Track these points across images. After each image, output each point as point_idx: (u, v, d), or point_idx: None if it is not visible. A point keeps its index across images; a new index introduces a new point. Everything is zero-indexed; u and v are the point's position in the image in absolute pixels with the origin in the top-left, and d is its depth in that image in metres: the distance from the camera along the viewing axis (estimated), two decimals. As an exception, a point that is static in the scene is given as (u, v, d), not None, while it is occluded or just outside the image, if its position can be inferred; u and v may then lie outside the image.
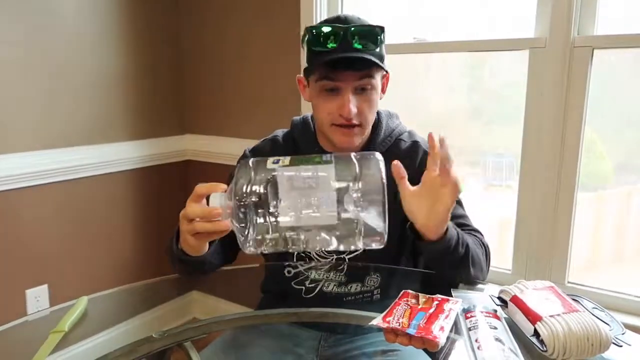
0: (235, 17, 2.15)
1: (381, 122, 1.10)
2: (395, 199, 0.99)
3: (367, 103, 1.00)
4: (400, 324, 0.73)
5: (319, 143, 1.10)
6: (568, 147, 1.50)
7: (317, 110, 1.04)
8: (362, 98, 0.99)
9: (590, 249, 1.67)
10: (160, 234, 2.31)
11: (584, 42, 1.44)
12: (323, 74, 0.98)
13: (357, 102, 0.98)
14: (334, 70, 0.97)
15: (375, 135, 1.08)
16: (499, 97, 1.79)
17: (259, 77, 2.13)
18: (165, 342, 0.87)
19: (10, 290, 1.84)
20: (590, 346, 0.68)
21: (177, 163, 2.34)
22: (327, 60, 0.95)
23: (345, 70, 0.96)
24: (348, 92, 0.97)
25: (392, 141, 1.09)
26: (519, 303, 0.77)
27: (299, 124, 1.14)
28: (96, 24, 2.00)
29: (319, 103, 1.02)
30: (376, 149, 1.06)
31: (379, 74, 1.01)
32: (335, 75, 0.97)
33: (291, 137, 1.14)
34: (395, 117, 1.16)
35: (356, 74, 0.97)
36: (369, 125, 1.04)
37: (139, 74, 2.17)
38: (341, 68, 0.96)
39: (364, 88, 0.99)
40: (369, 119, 1.02)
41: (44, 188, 1.88)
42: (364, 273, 1.06)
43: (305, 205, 0.70)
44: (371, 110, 1.02)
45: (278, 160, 0.74)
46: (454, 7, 1.75)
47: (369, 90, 0.99)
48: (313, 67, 0.99)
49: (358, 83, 0.98)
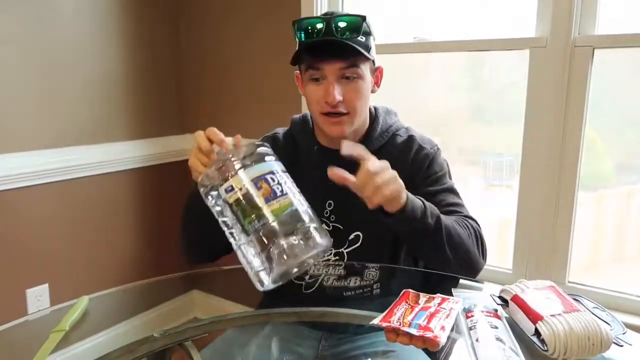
0: (235, 17, 2.15)
1: (378, 118, 1.12)
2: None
3: (353, 92, 1.01)
4: (401, 323, 0.73)
5: (317, 140, 1.11)
6: (568, 146, 1.50)
7: (308, 102, 1.06)
8: (348, 87, 1.00)
9: (591, 249, 1.67)
10: (161, 234, 2.31)
11: (584, 41, 1.44)
12: (308, 64, 1.01)
13: (342, 91, 1.00)
14: (317, 60, 0.99)
15: (372, 130, 1.10)
16: (499, 97, 1.79)
17: (259, 76, 2.13)
18: (165, 342, 0.87)
19: (11, 289, 1.84)
20: (591, 346, 0.68)
21: (177, 162, 2.34)
22: (309, 48, 0.99)
23: (328, 59, 0.98)
24: (332, 79, 0.99)
25: (388, 137, 1.10)
26: (520, 302, 0.77)
27: (299, 122, 1.16)
28: (96, 23, 2.00)
29: (308, 93, 1.04)
30: (372, 143, 1.08)
31: (366, 64, 1.02)
32: (319, 64, 0.99)
33: (290, 135, 1.16)
34: (394, 114, 1.16)
35: (339, 63, 0.99)
36: (359, 114, 1.04)
37: (139, 73, 2.17)
38: (324, 56, 0.99)
39: (348, 77, 1.00)
40: (357, 108, 1.03)
41: (45, 187, 1.88)
42: (363, 266, 1.07)
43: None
44: (359, 98, 1.02)
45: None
46: (455, 7, 1.75)
47: (354, 79, 1.01)
48: (300, 57, 1.03)
49: (342, 72, 0.99)
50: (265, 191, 0.72)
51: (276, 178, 0.74)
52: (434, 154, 1.09)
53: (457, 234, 0.96)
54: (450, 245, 0.94)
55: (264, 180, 0.73)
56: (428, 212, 0.92)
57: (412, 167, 1.07)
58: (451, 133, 1.86)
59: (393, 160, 1.06)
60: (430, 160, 1.08)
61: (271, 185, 0.73)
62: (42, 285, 1.92)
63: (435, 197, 1.04)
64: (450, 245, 0.94)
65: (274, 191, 0.72)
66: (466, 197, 1.11)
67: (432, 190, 1.05)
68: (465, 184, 1.77)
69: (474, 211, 1.09)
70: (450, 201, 1.05)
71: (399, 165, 1.05)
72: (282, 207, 0.71)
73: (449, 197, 1.05)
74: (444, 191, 1.06)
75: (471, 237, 0.99)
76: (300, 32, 1.01)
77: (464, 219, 1.02)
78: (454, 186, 1.09)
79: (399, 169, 1.06)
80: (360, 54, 0.99)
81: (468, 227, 1.00)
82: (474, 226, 1.02)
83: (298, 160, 1.10)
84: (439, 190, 1.06)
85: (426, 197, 1.04)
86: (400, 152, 1.08)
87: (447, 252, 0.94)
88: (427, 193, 1.04)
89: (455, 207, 1.05)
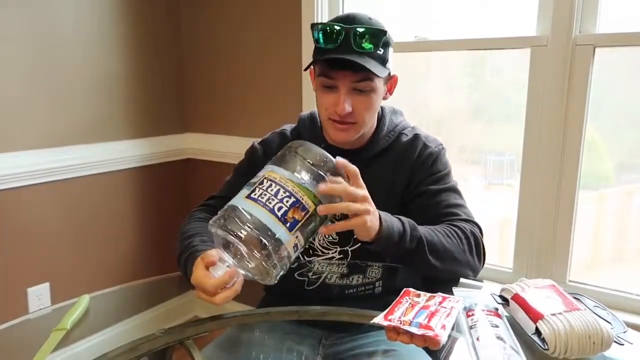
0: (235, 17, 2.15)
1: (385, 118, 1.12)
2: (387, 198, 1.03)
3: (363, 104, 1.00)
4: (402, 322, 0.73)
5: (324, 138, 1.11)
6: (569, 145, 1.50)
7: (317, 104, 1.06)
8: (359, 99, 1.00)
9: (592, 248, 1.67)
10: (161, 232, 2.31)
11: (585, 40, 1.43)
12: (321, 70, 1.00)
13: (353, 102, 0.99)
14: (330, 69, 0.98)
15: (379, 130, 1.10)
16: (500, 96, 1.78)
17: (259, 76, 2.13)
18: (166, 340, 0.87)
19: (12, 288, 1.84)
20: (592, 344, 0.68)
21: (177, 161, 2.34)
22: (325, 59, 0.97)
23: (342, 70, 0.97)
24: (343, 91, 0.98)
25: (394, 136, 1.10)
26: (521, 301, 0.77)
27: (306, 119, 1.16)
28: (97, 23, 2.00)
29: (319, 97, 1.04)
30: (379, 143, 1.08)
31: (380, 77, 1.01)
32: (332, 74, 0.98)
33: (298, 131, 1.16)
34: (400, 113, 1.17)
35: (353, 75, 0.98)
36: (367, 124, 1.05)
37: (139, 72, 2.17)
38: (337, 68, 0.97)
39: (361, 90, 0.99)
40: (365, 119, 1.03)
41: (45, 187, 1.88)
42: (366, 265, 1.07)
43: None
44: (368, 111, 1.02)
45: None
46: (455, 6, 1.74)
47: (367, 92, 1.00)
48: (315, 62, 1.01)
49: (355, 85, 0.98)
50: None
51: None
52: (438, 152, 1.09)
53: (444, 248, 0.95)
54: (436, 259, 0.94)
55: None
56: (407, 235, 0.90)
57: (415, 164, 1.07)
58: (452, 132, 1.86)
59: (398, 158, 1.08)
60: (434, 159, 1.08)
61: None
62: (43, 284, 1.92)
63: (436, 196, 1.04)
64: (436, 258, 0.94)
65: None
66: (466, 197, 1.10)
67: (434, 189, 1.05)
68: (466, 183, 1.77)
69: (475, 210, 1.08)
70: (451, 202, 1.04)
71: (404, 163, 1.08)
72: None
73: (450, 197, 1.05)
74: (446, 190, 1.05)
75: (462, 245, 0.97)
76: (318, 36, 0.99)
77: (456, 225, 1.00)
78: (457, 186, 1.09)
79: (403, 167, 1.07)
80: (375, 66, 0.97)
81: (458, 235, 0.98)
82: (468, 231, 1.00)
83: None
84: (441, 190, 1.05)
85: (427, 195, 1.04)
86: (405, 150, 1.08)
87: (434, 265, 0.94)
88: (429, 191, 1.04)
89: (456, 207, 1.04)
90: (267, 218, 0.73)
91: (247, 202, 0.75)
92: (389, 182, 1.07)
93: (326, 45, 0.98)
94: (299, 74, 1.99)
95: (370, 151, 1.08)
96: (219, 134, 2.30)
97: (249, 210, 0.73)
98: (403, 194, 1.07)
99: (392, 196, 1.07)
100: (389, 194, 1.07)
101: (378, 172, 1.06)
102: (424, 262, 0.93)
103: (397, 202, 1.07)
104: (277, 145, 1.12)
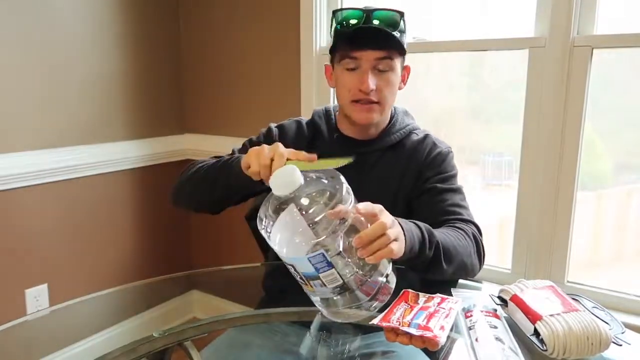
0: (235, 17, 2.15)
1: (397, 115, 1.17)
2: (396, 190, 1.09)
3: (385, 83, 1.05)
4: (400, 323, 0.73)
5: (339, 129, 1.16)
6: (567, 146, 1.50)
7: (339, 90, 1.10)
8: (381, 78, 1.05)
9: (590, 248, 1.67)
10: (160, 234, 2.31)
11: (583, 41, 1.44)
12: (344, 53, 1.05)
13: (376, 81, 1.04)
14: (353, 49, 1.03)
15: (392, 125, 1.15)
16: (498, 96, 1.79)
17: (258, 76, 2.13)
18: (165, 342, 0.87)
19: (10, 289, 1.84)
20: (590, 345, 0.68)
21: (176, 162, 2.33)
22: (349, 35, 1.02)
23: (365, 47, 1.02)
24: (367, 68, 1.03)
25: (405, 134, 1.15)
26: (519, 302, 0.77)
27: (321, 112, 1.21)
28: (96, 23, 2.00)
29: (341, 81, 1.08)
30: (391, 137, 1.13)
31: (398, 59, 1.07)
32: (355, 53, 1.03)
33: (312, 122, 1.20)
34: (411, 116, 1.22)
35: (376, 52, 1.02)
36: (388, 105, 1.09)
37: (138, 73, 2.17)
38: (361, 44, 1.02)
39: (382, 69, 1.04)
40: (387, 99, 1.07)
41: (44, 187, 1.88)
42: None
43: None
44: (390, 90, 1.07)
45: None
46: (454, 7, 1.75)
47: (387, 72, 1.05)
48: (336, 46, 1.06)
49: (377, 62, 1.03)
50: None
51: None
52: (447, 154, 1.14)
53: (455, 250, 0.96)
54: (447, 263, 0.94)
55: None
56: (427, 242, 0.90)
57: (425, 162, 1.11)
58: (450, 132, 1.86)
59: (409, 153, 1.12)
60: (444, 159, 1.12)
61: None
62: (41, 285, 1.91)
63: (441, 194, 1.08)
64: (447, 262, 0.94)
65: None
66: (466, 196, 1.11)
67: (440, 187, 1.08)
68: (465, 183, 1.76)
69: (473, 211, 1.09)
70: (455, 202, 1.07)
71: (414, 158, 1.12)
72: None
73: (454, 198, 1.08)
74: (451, 191, 1.09)
75: (469, 247, 0.99)
76: (338, 20, 1.05)
77: (462, 228, 1.01)
78: (462, 189, 1.12)
79: (414, 163, 1.11)
80: (396, 45, 1.03)
81: (466, 237, 1.00)
82: (472, 233, 1.02)
83: (318, 145, 1.14)
84: (446, 189, 1.08)
85: (433, 193, 1.08)
86: (415, 147, 1.13)
87: (444, 269, 0.94)
88: (435, 189, 1.08)
89: (458, 208, 1.07)
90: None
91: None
92: (399, 175, 1.11)
93: (350, 20, 1.03)
94: (297, 75, 1.99)
95: (383, 143, 1.13)
96: (218, 134, 2.29)
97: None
98: (412, 188, 1.10)
99: (401, 189, 1.11)
100: (399, 186, 1.11)
101: (390, 163, 1.11)
102: (437, 265, 0.93)
103: (405, 195, 1.10)
104: (294, 131, 1.18)
